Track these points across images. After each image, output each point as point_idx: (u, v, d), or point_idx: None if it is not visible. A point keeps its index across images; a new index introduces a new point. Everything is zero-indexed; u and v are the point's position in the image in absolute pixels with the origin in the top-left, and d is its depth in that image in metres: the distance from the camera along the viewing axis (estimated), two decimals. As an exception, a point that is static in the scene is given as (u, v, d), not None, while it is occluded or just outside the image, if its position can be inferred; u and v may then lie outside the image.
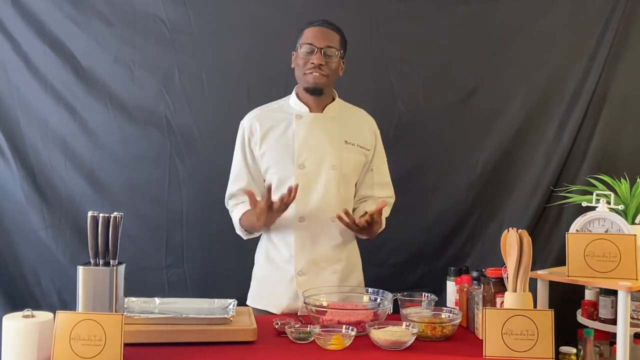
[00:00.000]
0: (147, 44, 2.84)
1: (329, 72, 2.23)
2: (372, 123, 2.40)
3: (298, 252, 2.23)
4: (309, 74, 2.23)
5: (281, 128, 2.28)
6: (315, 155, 2.25)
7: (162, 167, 2.84)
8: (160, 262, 2.83)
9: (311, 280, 2.21)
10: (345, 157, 2.27)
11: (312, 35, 2.24)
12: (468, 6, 2.91)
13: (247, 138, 2.30)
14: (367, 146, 2.33)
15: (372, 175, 2.37)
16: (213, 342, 1.77)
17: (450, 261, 2.74)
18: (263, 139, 2.28)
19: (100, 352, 1.57)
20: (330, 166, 2.25)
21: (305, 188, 2.21)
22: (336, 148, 2.27)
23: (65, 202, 2.81)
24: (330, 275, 2.24)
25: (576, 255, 1.98)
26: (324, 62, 2.21)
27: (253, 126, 2.30)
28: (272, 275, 2.28)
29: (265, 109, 2.36)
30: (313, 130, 2.27)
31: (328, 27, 2.27)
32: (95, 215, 1.75)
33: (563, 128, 2.88)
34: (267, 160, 2.27)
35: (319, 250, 2.24)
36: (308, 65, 2.22)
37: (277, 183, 2.23)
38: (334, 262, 2.26)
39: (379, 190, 2.38)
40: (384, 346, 1.77)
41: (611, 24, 2.85)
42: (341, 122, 2.31)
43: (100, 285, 1.71)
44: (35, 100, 2.81)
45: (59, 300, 2.78)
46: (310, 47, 2.22)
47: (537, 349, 1.69)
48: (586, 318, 2.22)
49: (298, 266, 2.23)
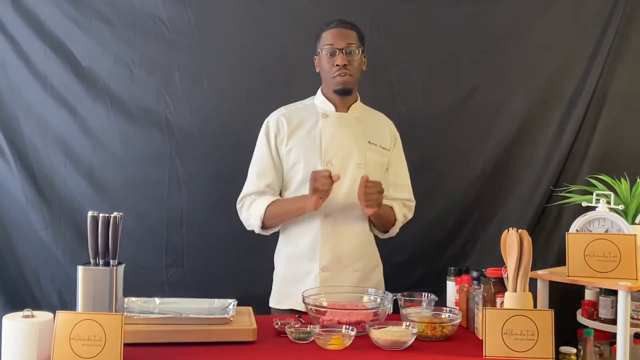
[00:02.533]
0: (147, 44, 2.84)
1: (353, 71, 2.28)
2: (391, 126, 2.45)
3: (323, 247, 2.26)
4: (336, 77, 2.27)
5: (308, 126, 2.32)
6: (342, 153, 2.28)
7: (162, 167, 2.84)
8: (160, 262, 2.83)
9: (334, 278, 2.24)
10: (369, 157, 2.31)
11: (331, 37, 2.27)
12: (468, 6, 2.91)
13: (274, 134, 2.33)
14: (387, 147, 2.38)
15: (388, 176, 2.39)
16: (213, 342, 1.77)
17: (450, 261, 2.74)
18: (290, 136, 2.31)
19: (100, 352, 1.57)
20: (355, 164, 2.28)
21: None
22: (361, 147, 2.31)
23: (65, 202, 2.80)
24: (352, 273, 2.28)
25: (576, 255, 1.98)
26: (347, 61, 2.25)
27: (280, 123, 2.33)
28: (296, 274, 2.30)
29: (291, 107, 2.39)
30: (339, 128, 2.31)
31: (344, 26, 2.30)
32: (95, 215, 1.75)
33: (563, 128, 2.88)
34: (294, 157, 2.29)
35: (343, 246, 2.27)
36: (333, 68, 2.26)
37: (301, 179, 2.26)
38: (356, 260, 2.30)
39: (396, 191, 2.39)
40: (384, 346, 1.77)
41: (611, 24, 2.86)
42: (364, 123, 2.36)
43: (100, 285, 1.71)
44: (35, 100, 2.81)
45: (59, 300, 2.77)
46: (332, 49, 2.26)
47: (537, 349, 1.69)
48: (586, 318, 2.22)
49: (322, 262, 2.25)
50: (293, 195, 2.30)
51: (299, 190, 2.28)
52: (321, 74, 2.35)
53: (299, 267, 2.30)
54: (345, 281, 2.22)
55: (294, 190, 2.30)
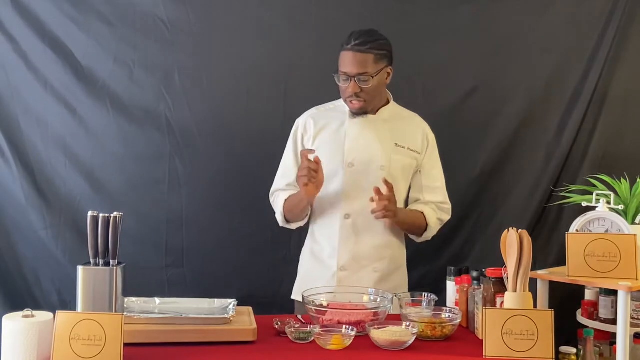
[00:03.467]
0: (147, 44, 2.83)
1: (366, 97, 2.27)
2: (425, 127, 2.43)
3: (341, 247, 2.28)
4: (349, 102, 2.29)
5: (334, 126, 2.34)
6: (365, 155, 2.30)
7: (162, 167, 2.84)
8: (160, 262, 2.83)
9: (351, 277, 2.26)
10: (394, 159, 2.31)
11: (346, 63, 2.25)
12: (468, 6, 2.91)
13: (301, 135, 2.37)
14: (417, 149, 2.37)
15: (421, 178, 2.39)
16: (213, 342, 1.77)
17: (450, 261, 2.74)
18: (316, 136, 2.34)
19: (100, 352, 1.57)
20: (378, 166, 2.29)
21: (353, 186, 2.28)
22: (386, 149, 2.31)
23: (65, 202, 2.80)
24: (370, 274, 2.29)
25: (576, 255, 1.97)
26: (360, 89, 2.24)
27: (308, 124, 2.36)
28: (316, 271, 2.34)
29: (321, 108, 2.42)
30: (364, 130, 2.32)
31: (360, 49, 2.22)
32: (95, 215, 1.75)
33: (563, 128, 2.88)
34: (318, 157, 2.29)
35: (362, 247, 2.29)
36: (347, 93, 2.27)
37: (324, 179, 2.26)
38: (376, 261, 2.31)
39: (429, 194, 2.39)
40: (384, 346, 1.77)
41: (611, 24, 2.85)
42: (393, 125, 2.36)
43: (100, 285, 1.71)
44: (35, 100, 2.80)
45: (59, 300, 2.77)
46: (345, 76, 2.26)
47: (537, 349, 1.69)
48: (586, 318, 2.22)
49: (340, 261, 2.28)
50: (318, 196, 2.30)
51: (321, 190, 2.27)
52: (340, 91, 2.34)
53: (319, 264, 2.34)
54: (363, 281, 2.23)
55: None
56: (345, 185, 2.29)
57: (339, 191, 2.30)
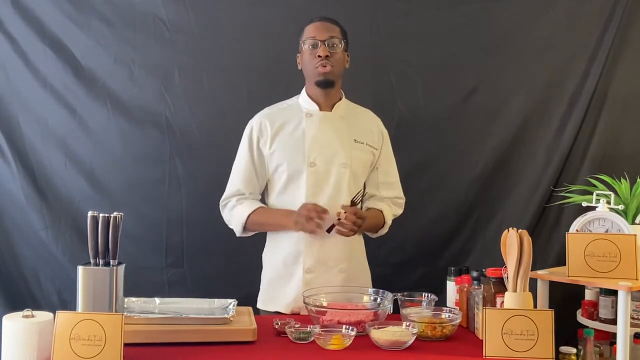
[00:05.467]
0: (147, 44, 2.84)
1: (335, 63, 2.26)
2: (379, 123, 2.43)
3: (307, 249, 2.24)
4: (318, 67, 2.25)
5: (291, 126, 2.30)
6: (326, 153, 2.27)
7: (162, 167, 2.84)
8: (160, 262, 2.83)
9: (318, 279, 2.22)
10: (355, 156, 2.29)
11: (313, 29, 2.28)
12: (468, 6, 2.91)
13: (257, 137, 2.31)
14: (375, 145, 2.36)
15: (377, 174, 2.38)
16: (213, 342, 1.77)
17: (450, 261, 2.74)
18: (274, 137, 2.29)
19: (100, 352, 1.57)
20: (340, 164, 2.27)
21: (316, 186, 2.24)
22: (346, 146, 2.29)
23: (65, 202, 2.81)
24: (336, 274, 2.26)
25: (576, 255, 1.97)
26: (329, 53, 2.24)
27: (263, 125, 2.31)
28: (281, 276, 2.29)
29: (274, 108, 2.38)
30: (323, 128, 2.29)
31: (327, 20, 2.30)
32: (95, 215, 1.75)
33: (563, 128, 2.88)
34: (277, 159, 2.28)
35: (328, 248, 2.25)
36: (315, 59, 2.25)
37: (286, 181, 2.26)
38: (341, 261, 2.27)
39: (386, 190, 2.39)
40: (384, 346, 1.77)
41: (611, 24, 2.85)
42: (350, 121, 2.34)
43: (100, 285, 1.71)
44: (35, 100, 2.81)
45: (59, 300, 2.78)
46: (314, 41, 2.25)
47: (537, 349, 1.69)
48: (586, 318, 2.22)
49: (306, 264, 2.24)
50: (278, 197, 2.29)
51: (283, 192, 2.27)
52: (303, 70, 2.33)
53: (283, 268, 2.29)
54: (330, 282, 2.19)
55: (279, 192, 2.29)
56: (308, 185, 2.24)
57: (302, 192, 2.25)
